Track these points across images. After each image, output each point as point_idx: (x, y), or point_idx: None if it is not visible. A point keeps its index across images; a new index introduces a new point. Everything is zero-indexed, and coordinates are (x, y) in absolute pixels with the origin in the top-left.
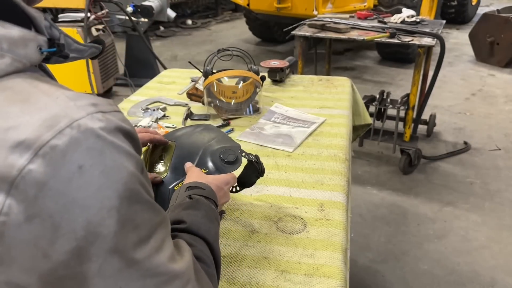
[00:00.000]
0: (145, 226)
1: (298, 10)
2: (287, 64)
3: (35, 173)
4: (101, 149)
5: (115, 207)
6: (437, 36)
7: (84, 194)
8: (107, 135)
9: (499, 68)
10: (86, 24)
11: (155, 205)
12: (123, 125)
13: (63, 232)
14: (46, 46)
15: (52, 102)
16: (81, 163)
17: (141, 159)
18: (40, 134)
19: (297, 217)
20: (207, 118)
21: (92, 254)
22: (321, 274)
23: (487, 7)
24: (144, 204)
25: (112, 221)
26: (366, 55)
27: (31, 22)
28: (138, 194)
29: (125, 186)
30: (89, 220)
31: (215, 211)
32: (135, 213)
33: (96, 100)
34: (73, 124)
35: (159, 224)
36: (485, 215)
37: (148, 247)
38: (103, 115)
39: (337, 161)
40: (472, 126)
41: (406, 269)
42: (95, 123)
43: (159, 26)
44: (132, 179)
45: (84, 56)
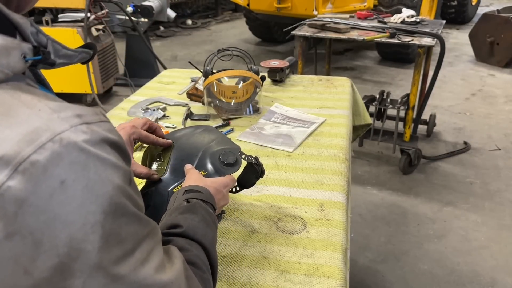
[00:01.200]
0: (130, 240)
1: (298, 10)
2: (287, 64)
3: (14, 190)
4: (85, 163)
5: (99, 222)
6: (437, 36)
7: (67, 209)
8: (91, 147)
9: (499, 68)
10: (86, 24)
11: (142, 217)
12: (109, 136)
13: (44, 249)
14: (31, 54)
15: (33, 114)
16: (63, 178)
17: (129, 170)
18: (19, 149)
19: (297, 217)
20: (207, 118)
21: (75, 270)
22: (321, 274)
23: (487, 7)
24: (130, 218)
25: (96, 236)
26: (366, 55)
27: (16, 29)
28: (124, 208)
29: (110, 201)
30: (72, 236)
31: (213, 215)
32: (120, 227)
33: (81, 111)
34: (55, 138)
35: (146, 235)
36: (485, 215)
37: (133, 260)
38: (87, 127)
39: (337, 161)
40: (472, 126)
41: (406, 269)
42: (78, 135)
43: (159, 26)
44: (117, 193)
45: (74, 61)
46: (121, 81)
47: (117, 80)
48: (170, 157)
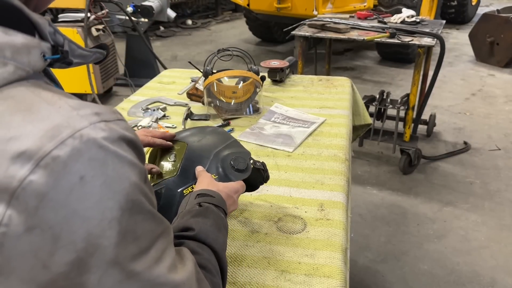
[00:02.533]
0: (145, 237)
1: (298, 10)
2: (287, 64)
3: (36, 184)
4: (104, 159)
5: (116, 218)
6: (437, 36)
7: (85, 205)
8: (110, 145)
9: (499, 68)
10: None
11: (157, 215)
12: (126, 134)
13: (63, 243)
14: (49, 53)
15: (54, 111)
16: (83, 174)
17: (144, 168)
18: (42, 144)
19: (297, 217)
20: (207, 118)
21: (92, 266)
22: (321, 274)
23: (487, 7)
24: (146, 215)
25: (113, 232)
26: (366, 55)
27: (35, 29)
28: (140, 205)
29: (127, 197)
30: (89, 231)
31: (224, 220)
32: (136, 224)
33: (99, 109)
34: (75, 134)
35: (160, 234)
36: (485, 215)
37: (148, 258)
38: (106, 125)
39: (337, 161)
40: (472, 126)
41: (406, 269)
42: (98, 133)
43: (159, 26)
44: (134, 190)
45: (88, 61)
46: (121, 81)
47: (117, 80)
48: (183, 157)
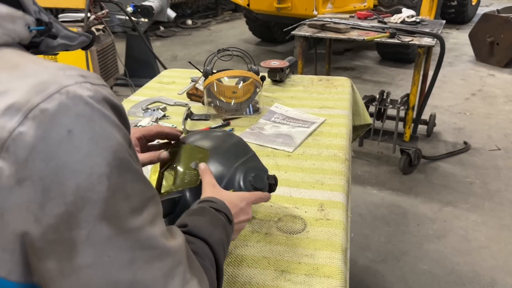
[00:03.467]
0: (136, 197)
1: (298, 10)
2: (287, 64)
3: (25, 136)
4: (90, 116)
5: (105, 174)
6: (437, 36)
7: (74, 158)
8: (95, 103)
9: (499, 68)
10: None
11: (146, 179)
12: (111, 98)
13: (53, 196)
14: (34, 26)
15: (41, 69)
16: (70, 127)
17: (127, 133)
18: (29, 97)
19: (297, 217)
20: (207, 118)
21: (81, 220)
22: (321, 274)
23: (487, 7)
24: (135, 175)
25: (102, 187)
26: (366, 55)
27: (20, 4)
28: (128, 164)
29: (115, 155)
30: (78, 184)
31: (222, 220)
32: (126, 182)
33: (85, 73)
34: (62, 90)
35: (151, 198)
36: (485, 215)
37: (140, 219)
38: (92, 86)
39: (337, 161)
40: (472, 126)
41: (406, 269)
42: (84, 91)
43: (159, 26)
44: (121, 149)
45: (74, 43)
46: (121, 81)
47: (117, 80)
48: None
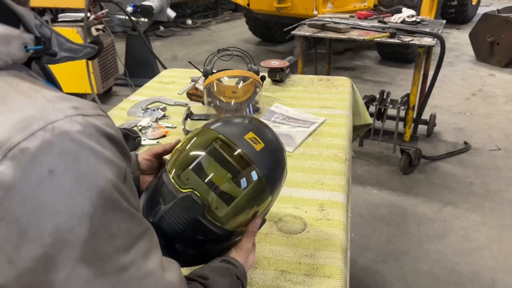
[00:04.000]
0: (123, 237)
1: (298, 10)
2: (287, 64)
3: (2, 175)
4: (76, 153)
5: (87, 215)
6: (437, 36)
7: (54, 199)
8: (84, 139)
9: (499, 68)
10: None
11: (137, 215)
12: (106, 129)
13: (30, 238)
14: (32, 44)
15: (28, 103)
16: (53, 167)
17: (124, 167)
18: (10, 136)
19: (297, 217)
20: (207, 118)
21: (59, 263)
22: (321, 274)
23: (487, 7)
24: (123, 214)
25: (83, 229)
26: (366, 55)
27: (20, 21)
28: (116, 203)
29: (101, 194)
30: (57, 226)
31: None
32: (111, 222)
33: (79, 104)
34: (47, 126)
35: (141, 234)
36: (485, 215)
37: (128, 257)
38: (83, 118)
39: (337, 161)
40: (472, 126)
41: (406, 269)
42: (73, 126)
43: (159, 26)
44: (109, 187)
45: (79, 55)
46: (121, 81)
47: (117, 80)
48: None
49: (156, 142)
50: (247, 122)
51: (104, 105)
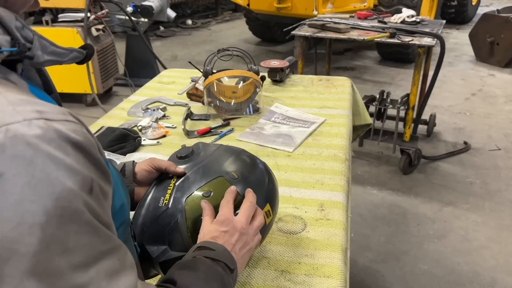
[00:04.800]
0: (82, 252)
1: (298, 10)
2: (287, 64)
3: None
4: (31, 158)
5: (39, 225)
6: (437, 36)
7: (1, 205)
8: (42, 144)
9: (499, 68)
10: (86, 24)
11: (103, 231)
12: (71, 135)
13: None
14: (8, 46)
15: None
16: (2, 170)
17: (91, 177)
18: None
19: (297, 217)
20: (207, 118)
21: (5, 274)
22: (321, 274)
23: (487, 7)
24: (83, 227)
25: (33, 239)
26: (366, 55)
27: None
28: (75, 215)
29: (56, 203)
30: (3, 234)
31: (220, 273)
32: (68, 234)
33: (45, 108)
34: (1, 128)
35: (107, 252)
36: (485, 215)
37: (86, 276)
38: (45, 123)
39: (337, 161)
40: (472, 126)
41: (406, 269)
42: (30, 129)
43: (159, 26)
44: (68, 197)
45: (65, 60)
46: (121, 81)
47: (117, 80)
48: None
49: (156, 142)
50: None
51: (104, 105)
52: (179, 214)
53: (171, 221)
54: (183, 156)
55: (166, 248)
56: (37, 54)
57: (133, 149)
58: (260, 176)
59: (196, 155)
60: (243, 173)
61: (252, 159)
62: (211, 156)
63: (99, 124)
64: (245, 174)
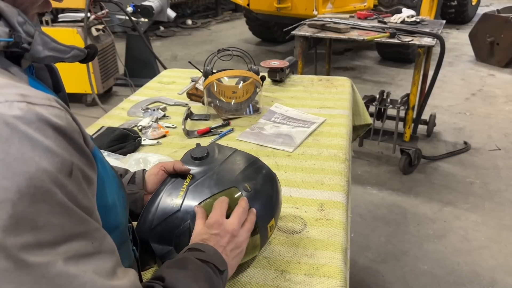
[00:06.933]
0: (51, 231)
1: (298, 10)
2: (287, 64)
3: None
4: (7, 137)
5: (11, 201)
6: (437, 36)
7: None
8: (21, 124)
9: (499, 68)
10: (86, 24)
11: (77, 213)
12: (53, 120)
13: None
14: (5, 37)
15: None
16: None
17: (71, 161)
18: None
19: (297, 217)
20: (207, 118)
21: None
22: (321, 274)
23: (487, 7)
24: (55, 207)
25: (3, 214)
26: (366, 55)
27: (1, 16)
28: (48, 195)
29: (29, 182)
30: None
31: (209, 273)
32: (39, 213)
33: (30, 93)
34: None
35: (78, 235)
36: (485, 215)
37: (51, 253)
38: (27, 106)
39: (337, 161)
40: (472, 126)
41: (406, 269)
42: (10, 110)
43: (159, 26)
44: (41, 177)
45: (66, 57)
46: (121, 81)
47: (117, 80)
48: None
49: (156, 142)
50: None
51: (104, 105)
52: (190, 219)
53: (180, 224)
54: (198, 158)
55: (172, 250)
56: (37, 49)
57: (133, 149)
58: (270, 190)
59: (211, 157)
60: (256, 185)
61: (265, 170)
62: (226, 161)
63: (99, 124)
64: (258, 187)
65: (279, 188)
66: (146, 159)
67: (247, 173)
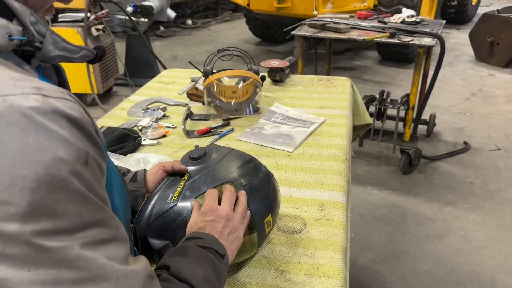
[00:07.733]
0: (69, 218)
1: (298, 10)
2: (287, 64)
3: None
4: (25, 127)
5: (30, 189)
6: (437, 36)
7: None
8: (37, 115)
9: (499, 68)
10: (86, 24)
11: (93, 201)
12: (67, 111)
13: None
14: (19, 35)
15: None
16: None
17: (86, 150)
18: None
19: (297, 217)
20: (207, 118)
21: None
22: (321, 274)
23: (487, 7)
24: (72, 195)
25: (22, 201)
26: (366, 55)
27: (14, 15)
28: (65, 183)
29: (47, 170)
30: None
31: (210, 257)
32: (57, 201)
33: (44, 86)
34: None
35: (95, 223)
36: (485, 215)
37: (69, 239)
38: (43, 98)
39: (337, 161)
40: (472, 126)
41: (406, 269)
42: (27, 102)
43: (159, 26)
44: (58, 165)
45: (75, 57)
46: (121, 81)
47: (117, 80)
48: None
49: (156, 142)
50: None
51: (104, 105)
52: (186, 212)
53: (177, 218)
54: (196, 157)
55: (169, 243)
56: (48, 48)
57: (133, 149)
58: (267, 186)
59: (208, 157)
60: (251, 181)
61: (261, 168)
62: (222, 160)
63: (99, 124)
64: (253, 183)
65: (276, 186)
66: (146, 159)
67: (243, 170)
